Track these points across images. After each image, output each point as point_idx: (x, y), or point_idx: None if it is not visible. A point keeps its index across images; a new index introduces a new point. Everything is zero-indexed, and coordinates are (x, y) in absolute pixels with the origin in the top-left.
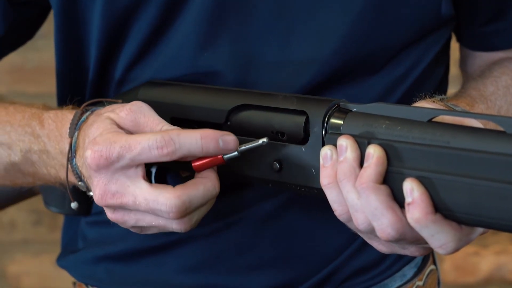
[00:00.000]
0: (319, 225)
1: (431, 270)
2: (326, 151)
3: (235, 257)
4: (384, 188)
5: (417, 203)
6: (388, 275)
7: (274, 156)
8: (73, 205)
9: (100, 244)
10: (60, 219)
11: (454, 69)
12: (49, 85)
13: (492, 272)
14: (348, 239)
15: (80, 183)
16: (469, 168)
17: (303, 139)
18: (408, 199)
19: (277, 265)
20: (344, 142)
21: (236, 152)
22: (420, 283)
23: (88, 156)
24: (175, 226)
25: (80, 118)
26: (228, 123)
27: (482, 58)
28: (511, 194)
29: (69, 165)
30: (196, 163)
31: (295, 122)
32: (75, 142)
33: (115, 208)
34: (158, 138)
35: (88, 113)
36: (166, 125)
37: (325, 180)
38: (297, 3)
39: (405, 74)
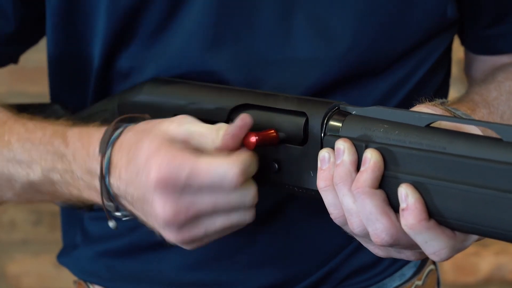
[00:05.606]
0: (319, 223)
1: (430, 270)
2: (324, 154)
3: (235, 254)
4: (379, 193)
5: (411, 209)
6: (387, 275)
7: (273, 156)
8: (112, 224)
9: (101, 239)
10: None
11: (454, 70)
12: None
13: (492, 272)
14: (347, 238)
15: (109, 203)
16: (464, 175)
17: (303, 141)
18: (402, 205)
19: (277, 263)
20: (342, 145)
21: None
22: (419, 282)
23: (153, 176)
24: (248, 216)
25: (112, 135)
26: (230, 122)
27: (486, 62)
28: (505, 202)
29: (102, 184)
30: (249, 140)
31: (295, 123)
32: (109, 160)
33: (183, 225)
34: (235, 168)
35: (120, 129)
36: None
37: (321, 183)
38: (301, 4)
39: (408, 76)
